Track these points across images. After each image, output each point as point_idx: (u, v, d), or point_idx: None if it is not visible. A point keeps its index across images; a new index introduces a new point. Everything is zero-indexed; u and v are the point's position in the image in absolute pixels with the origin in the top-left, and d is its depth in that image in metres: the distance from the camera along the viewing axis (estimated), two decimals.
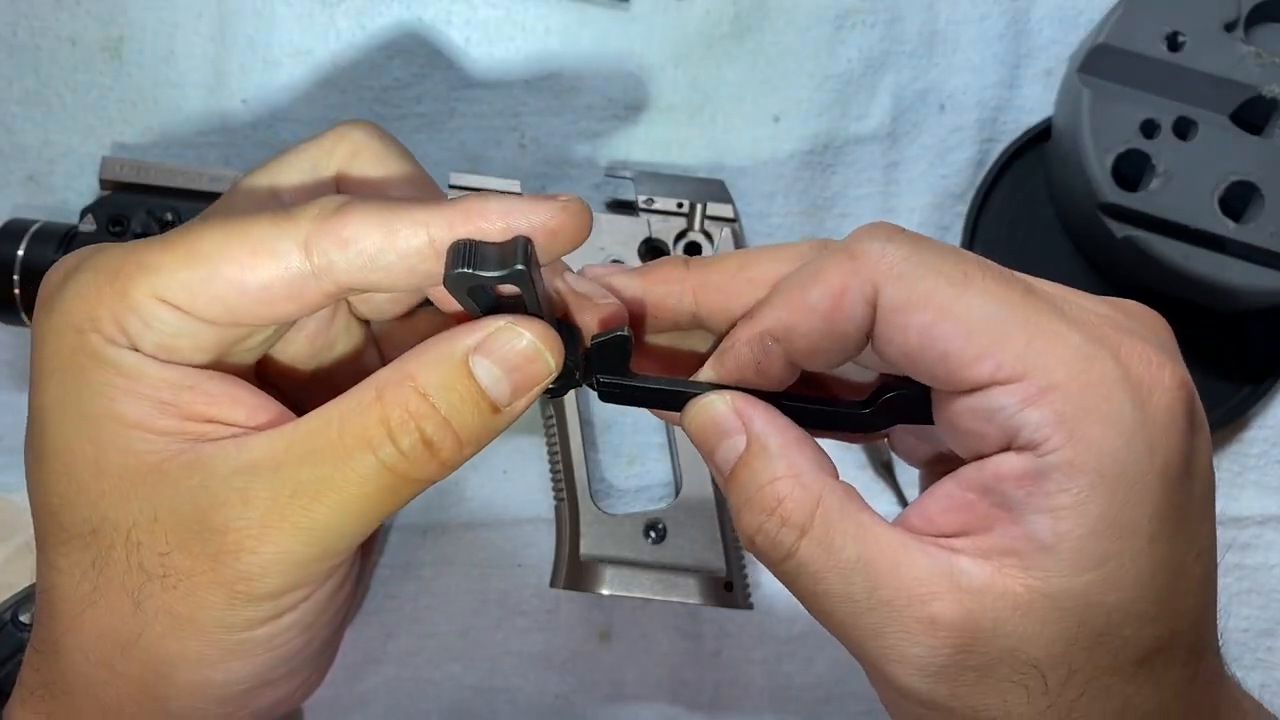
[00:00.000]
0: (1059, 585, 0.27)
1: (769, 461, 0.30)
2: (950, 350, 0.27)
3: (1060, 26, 0.51)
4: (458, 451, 0.30)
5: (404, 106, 0.49)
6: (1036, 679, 0.27)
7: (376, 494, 0.29)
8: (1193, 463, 0.28)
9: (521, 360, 0.29)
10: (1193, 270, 0.45)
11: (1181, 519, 0.28)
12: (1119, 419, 0.27)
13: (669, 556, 0.46)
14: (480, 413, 0.29)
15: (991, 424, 0.28)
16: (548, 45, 0.50)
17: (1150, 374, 0.28)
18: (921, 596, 0.27)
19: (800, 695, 0.51)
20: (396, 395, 0.29)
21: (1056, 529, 0.27)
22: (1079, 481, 0.27)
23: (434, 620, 0.50)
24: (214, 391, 0.30)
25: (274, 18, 0.49)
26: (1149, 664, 0.28)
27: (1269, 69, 0.45)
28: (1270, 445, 0.52)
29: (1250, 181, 0.45)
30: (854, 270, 0.28)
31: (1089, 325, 0.28)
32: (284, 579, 0.29)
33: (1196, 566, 0.28)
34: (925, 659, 0.27)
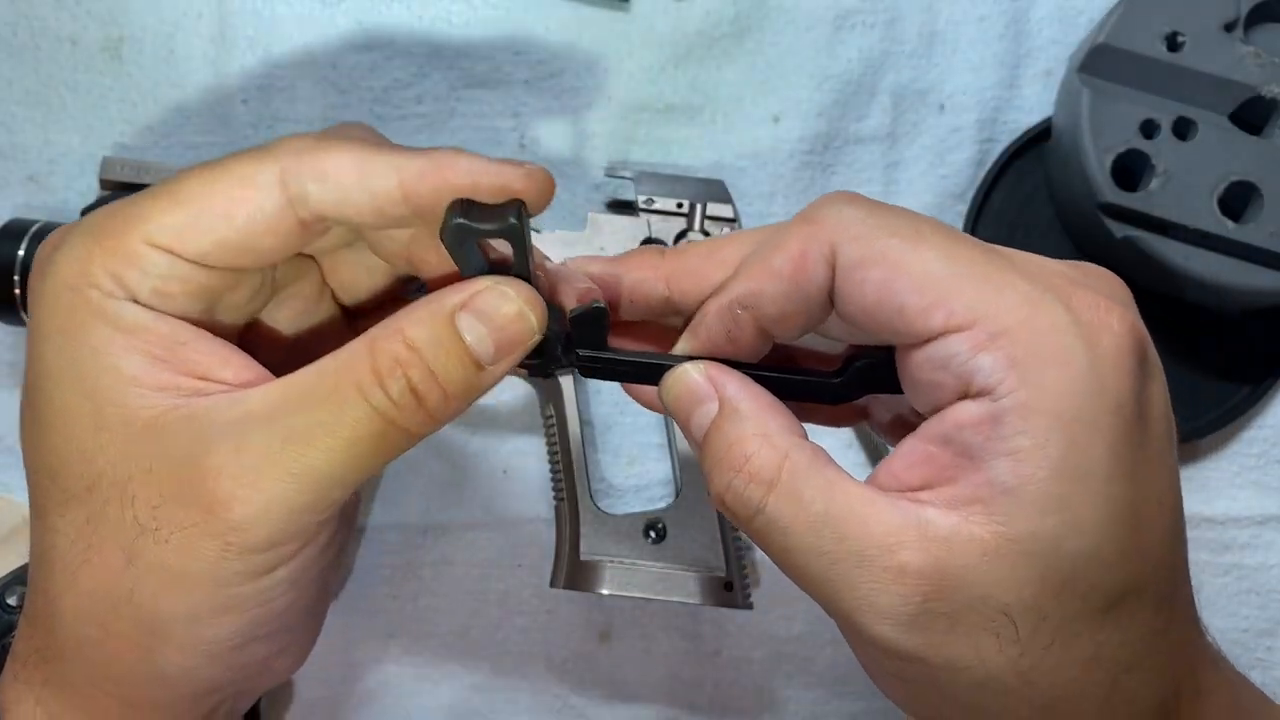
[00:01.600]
0: (1024, 528, 0.27)
1: (739, 422, 0.30)
2: (905, 303, 0.28)
3: (1060, 26, 0.51)
4: (444, 404, 0.30)
5: (404, 106, 0.49)
6: (1007, 626, 0.28)
7: (368, 439, 0.30)
8: (1146, 407, 0.29)
9: (505, 320, 0.30)
10: (1192, 270, 0.45)
11: (1139, 463, 0.28)
12: (1069, 361, 0.28)
13: (669, 556, 0.46)
14: (464, 368, 0.30)
15: (947, 372, 0.28)
16: (548, 45, 0.50)
17: (1099, 318, 0.28)
18: (890, 546, 0.28)
19: (800, 695, 0.51)
20: (386, 346, 0.30)
21: (1018, 472, 0.27)
22: (1035, 423, 0.27)
23: (434, 620, 0.50)
24: (206, 350, 0.31)
25: (274, 18, 0.49)
26: (1117, 611, 0.28)
27: (1268, 69, 0.45)
28: (1270, 445, 0.52)
29: (1250, 182, 0.45)
30: (813, 234, 0.30)
31: (1040, 276, 0.29)
32: (275, 529, 0.30)
33: (1159, 514, 0.29)
34: (896, 608, 0.28)
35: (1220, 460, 0.52)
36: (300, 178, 0.30)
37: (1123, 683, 0.29)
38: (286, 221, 0.31)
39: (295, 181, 0.30)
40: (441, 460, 0.50)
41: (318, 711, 0.49)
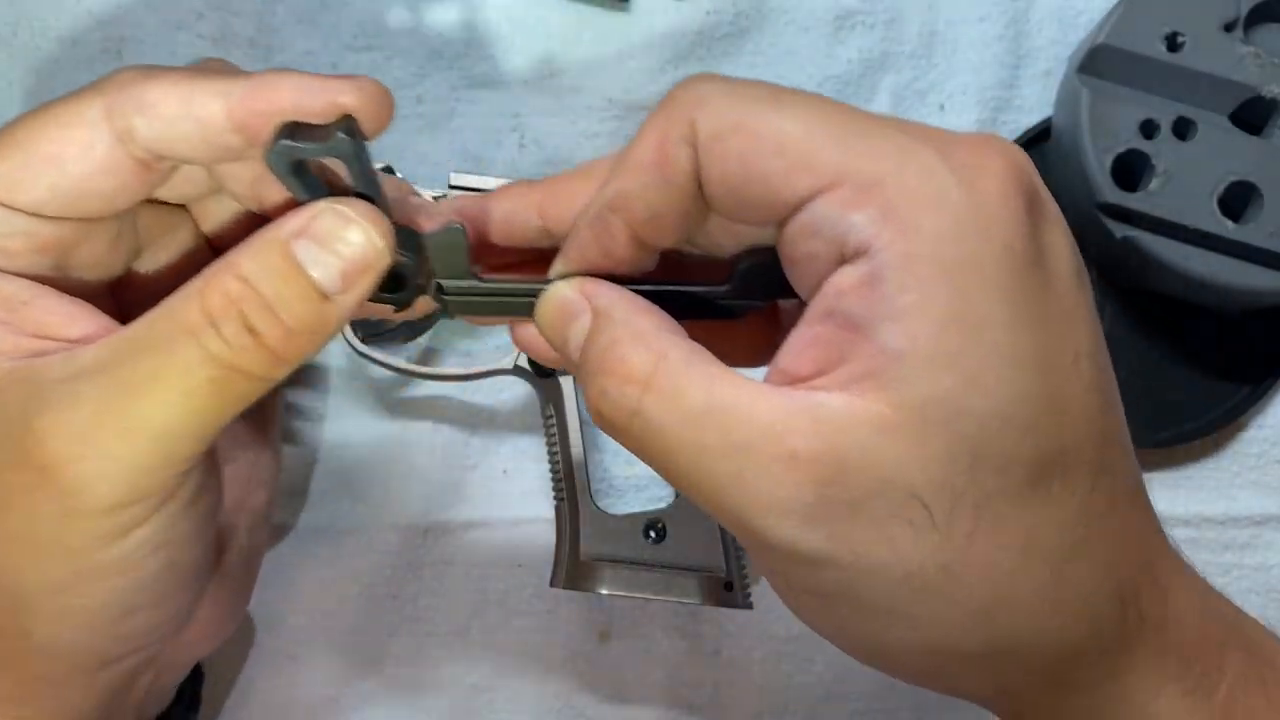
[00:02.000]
0: (920, 394, 0.25)
1: (611, 327, 0.28)
2: (768, 170, 0.26)
3: (1060, 27, 0.51)
4: (286, 340, 0.28)
5: (404, 106, 0.49)
6: (919, 511, 0.25)
7: (206, 387, 0.28)
8: (1043, 251, 0.26)
9: (347, 243, 0.28)
10: (1192, 270, 0.45)
11: (1042, 311, 0.26)
12: (947, 202, 0.25)
13: (669, 556, 0.46)
14: (307, 299, 0.28)
15: (821, 239, 0.26)
16: (548, 45, 0.50)
17: (976, 159, 0.26)
18: (778, 433, 0.25)
19: (800, 695, 0.51)
20: (218, 282, 0.28)
21: (906, 332, 0.25)
22: (917, 274, 0.25)
23: (434, 620, 0.50)
24: (50, 308, 0.30)
25: (274, 18, 0.49)
26: (1044, 486, 0.26)
27: (1268, 69, 0.45)
28: (1270, 445, 0.52)
29: (1250, 182, 0.45)
30: (670, 115, 0.27)
31: (909, 127, 0.27)
32: (118, 488, 0.28)
33: (1077, 371, 0.26)
34: (789, 499, 0.25)
35: (1220, 460, 0.52)
36: (125, 111, 0.28)
37: (1067, 574, 0.26)
38: (121, 161, 0.29)
39: (120, 116, 0.28)
40: (441, 460, 0.50)
41: (318, 712, 0.49)
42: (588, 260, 0.30)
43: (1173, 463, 0.52)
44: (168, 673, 0.37)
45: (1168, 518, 0.51)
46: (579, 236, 0.30)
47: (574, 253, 0.30)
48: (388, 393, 0.50)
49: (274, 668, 0.49)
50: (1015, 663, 0.28)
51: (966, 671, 0.28)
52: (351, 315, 0.30)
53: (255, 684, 0.49)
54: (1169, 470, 0.52)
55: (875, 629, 0.28)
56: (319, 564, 0.49)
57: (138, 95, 0.28)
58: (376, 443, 0.50)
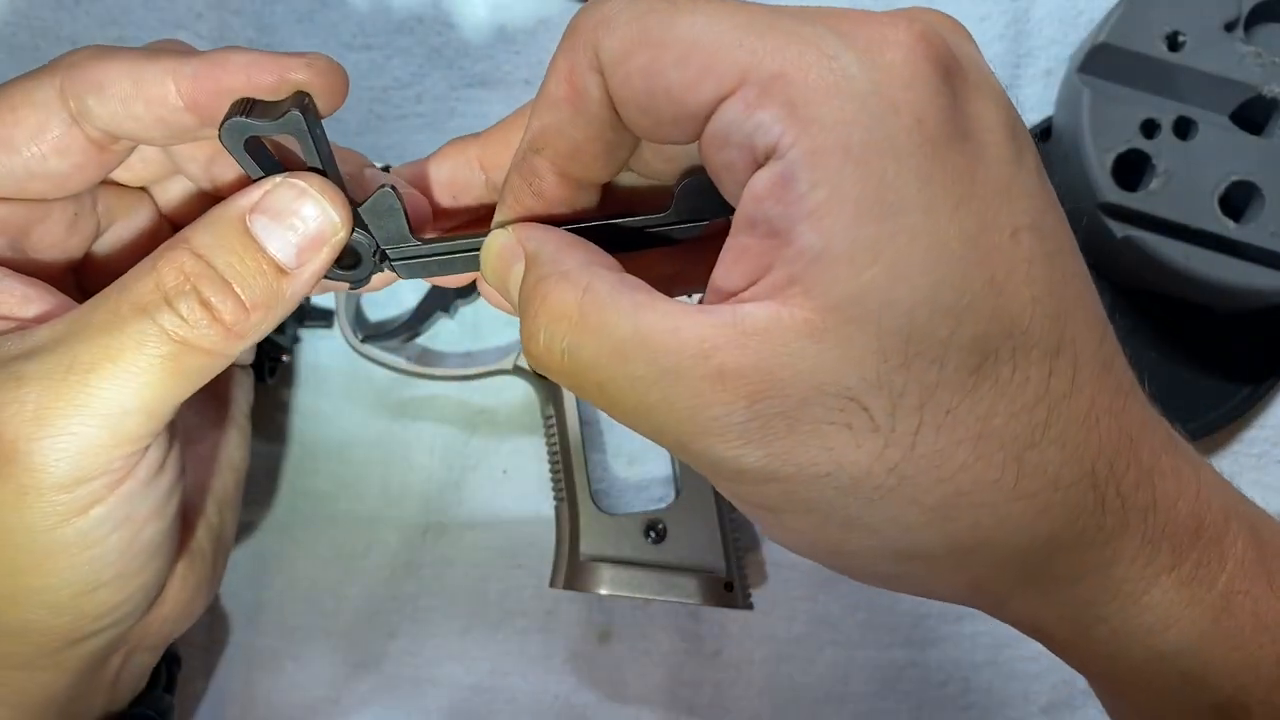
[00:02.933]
0: (843, 292, 0.23)
1: (538, 267, 0.27)
2: (672, 83, 0.25)
3: (1060, 26, 0.51)
4: (243, 316, 0.28)
5: (404, 106, 0.49)
6: (858, 414, 0.24)
7: (161, 364, 0.28)
8: (966, 123, 0.24)
9: (302, 217, 0.28)
10: (1193, 270, 0.45)
11: (968, 189, 0.24)
12: (848, 86, 0.23)
13: (669, 556, 0.46)
14: (263, 274, 0.28)
15: (733, 147, 0.25)
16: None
17: (877, 33, 0.24)
18: (704, 353, 0.24)
19: (800, 695, 0.51)
20: (172, 258, 0.28)
21: (821, 229, 0.23)
22: (827, 167, 0.23)
23: (434, 620, 0.50)
24: (6, 288, 0.30)
25: (273, 18, 0.49)
26: (991, 372, 0.24)
27: (1269, 69, 0.45)
28: (1270, 445, 0.52)
29: (1250, 181, 0.45)
30: (575, 43, 0.26)
31: (809, 13, 0.25)
32: (72, 466, 0.28)
33: (1017, 246, 0.24)
34: (723, 419, 0.24)
35: (1220, 460, 0.52)
36: (78, 91, 0.28)
37: (1029, 462, 0.25)
38: (76, 141, 0.29)
39: (74, 96, 0.28)
40: (441, 460, 0.50)
41: (318, 712, 0.49)
42: (524, 205, 0.29)
43: None
44: (140, 653, 0.37)
45: None
46: (510, 185, 0.29)
47: (510, 199, 0.29)
48: (388, 393, 0.50)
49: (274, 668, 0.49)
50: (984, 559, 0.26)
51: (935, 572, 0.27)
52: (308, 290, 0.29)
53: (255, 684, 0.49)
54: None
55: (833, 537, 0.26)
56: (319, 564, 0.49)
57: (90, 75, 0.28)
58: (376, 443, 0.50)
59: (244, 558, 0.49)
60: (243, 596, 0.49)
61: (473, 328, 0.50)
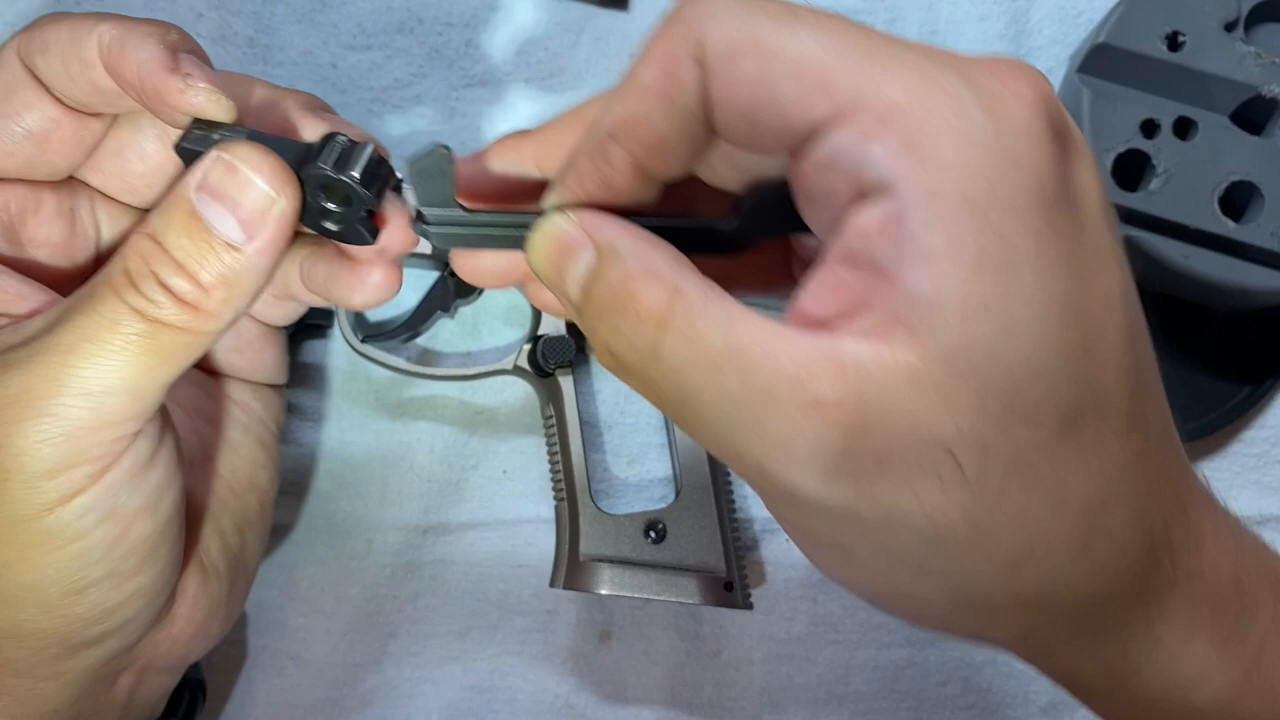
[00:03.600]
0: (950, 343, 0.23)
1: (620, 262, 0.26)
2: (781, 94, 0.24)
3: (1060, 26, 0.51)
4: (203, 295, 0.29)
5: (404, 106, 0.49)
6: (949, 464, 0.24)
7: (137, 343, 0.28)
8: (1071, 185, 0.25)
9: (240, 191, 0.28)
10: (1193, 270, 0.45)
11: (1073, 251, 0.24)
12: (972, 131, 0.23)
13: (669, 556, 0.46)
14: (213, 252, 0.28)
15: (839, 174, 0.24)
16: (548, 46, 0.50)
17: (1002, 84, 0.24)
18: (801, 379, 0.23)
19: (800, 695, 0.51)
20: (132, 241, 0.29)
21: (934, 277, 0.23)
22: (943, 212, 0.23)
23: (434, 620, 0.50)
24: (1, 286, 0.30)
25: (274, 18, 0.49)
26: (1076, 436, 0.24)
27: (1269, 69, 0.45)
28: (1270, 445, 0.52)
29: (1250, 181, 0.45)
30: (676, 33, 0.25)
31: (931, 51, 0.25)
32: (55, 451, 0.28)
33: (1108, 313, 0.25)
34: (813, 448, 0.24)
35: (1221, 460, 0.52)
36: (30, 50, 0.29)
37: (1099, 523, 0.25)
38: (40, 100, 0.30)
39: (27, 56, 0.29)
40: (441, 460, 0.50)
41: (318, 712, 0.49)
42: (586, 192, 0.28)
43: None
44: (153, 675, 0.37)
45: None
46: (577, 168, 0.28)
47: (572, 184, 0.28)
48: (388, 393, 0.50)
49: (274, 668, 0.49)
50: (1043, 612, 0.27)
51: (994, 622, 0.27)
52: (272, 260, 0.29)
53: (255, 684, 0.49)
54: None
55: (898, 580, 0.26)
56: (319, 564, 0.49)
57: (40, 35, 0.29)
58: (376, 443, 0.50)
59: None
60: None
61: (473, 328, 0.50)
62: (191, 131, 0.29)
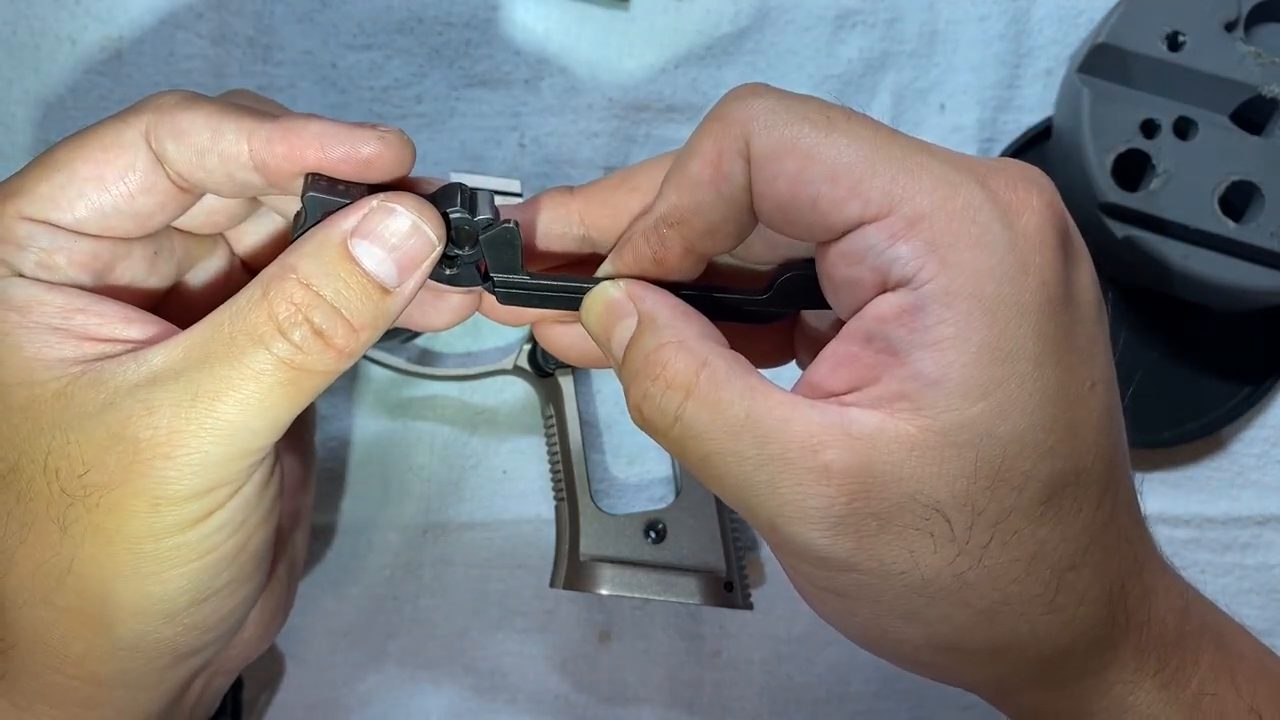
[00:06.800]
0: (951, 420, 0.27)
1: (656, 332, 0.30)
2: (819, 194, 0.28)
3: (1060, 26, 0.51)
4: (353, 337, 0.30)
5: (404, 106, 0.49)
6: (941, 524, 0.27)
7: (278, 388, 0.29)
8: (1072, 287, 0.28)
9: (400, 236, 0.30)
10: (1193, 270, 0.45)
11: (1068, 345, 0.27)
12: (989, 240, 0.27)
13: (669, 556, 0.46)
14: (368, 296, 0.30)
15: (865, 266, 0.28)
16: (548, 45, 0.50)
17: (1017, 197, 0.28)
18: (813, 447, 0.27)
19: (800, 695, 0.51)
20: (280, 289, 0.29)
21: (941, 361, 0.26)
22: (957, 308, 0.26)
23: (434, 620, 0.50)
24: (105, 313, 0.31)
25: (273, 18, 0.49)
26: (1056, 504, 0.28)
27: (1269, 69, 0.45)
28: (1270, 445, 0.52)
29: (1250, 181, 0.45)
30: (724, 131, 0.29)
31: (954, 160, 0.28)
32: (201, 480, 0.29)
33: (1091, 399, 0.28)
34: (823, 510, 0.27)
35: (1221, 460, 0.52)
36: (160, 135, 0.30)
37: (1067, 581, 0.28)
38: (159, 181, 0.31)
39: (156, 139, 0.30)
40: (441, 460, 0.50)
41: (318, 712, 0.49)
42: (639, 267, 0.31)
43: (1174, 462, 0.52)
44: (218, 678, 0.38)
45: (1169, 517, 0.52)
46: (633, 244, 0.31)
47: (628, 257, 0.31)
48: (388, 393, 0.50)
49: (274, 668, 0.49)
50: (1012, 659, 0.29)
51: (967, 665, 0.30)
52: (410, 302, 0.31)
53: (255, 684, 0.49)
54: (1170, 470, 0.52)
55: (886, 625, 0.29)
56: (319, 564, 0.49)
57: (173, 122, 0.30)
58: (376, 443, 0.50)
59: None
60: None
61: (473, 328, 0.50)
62: (313, 182, 0.30)
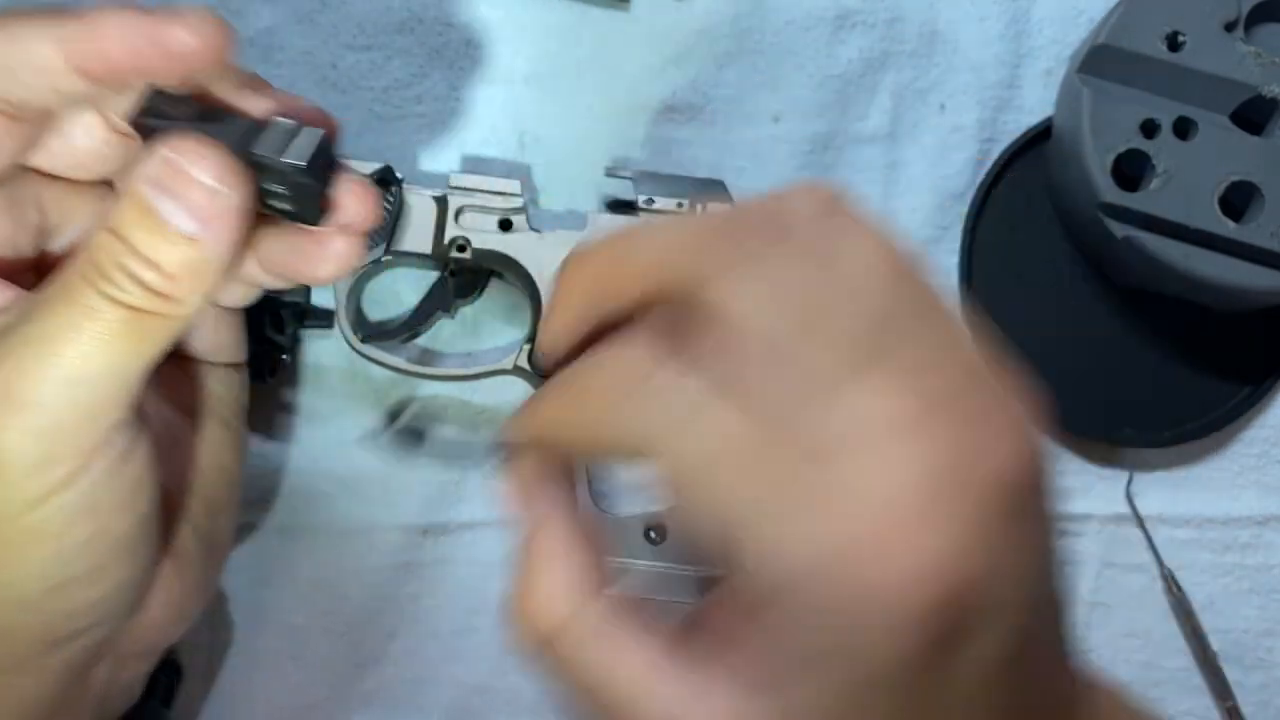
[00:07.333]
0: (792, 704, 0.25)
1: (538, 562, 0.29)
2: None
3: (1060, 26, 0.51)
4: (170, 283, 0.29)
5: (404, 106, 0.49)
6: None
7: (119, 328, 0.28)
8: (944, 683, 0.25)
9: (183, 186, 0.28)
10: (1192, 270, 0.45)
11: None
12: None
13: (669, 557, 0.46)
14: (173, 244, 0.29)
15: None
16: (548, 46, 0.50)
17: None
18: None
19: None
20: (98, 238, 0.29)
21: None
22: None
23: (434, 620, 0.50)
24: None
25: (274, 19, 0.49)
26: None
27: (1269, 69, 0.45)
28: (1270, 445, 0.52)
29: (1250, 182, 0.45)
30: None
31: None
32: (40, 447, 0.28)
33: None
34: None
35: (1221, 460, 0.52)
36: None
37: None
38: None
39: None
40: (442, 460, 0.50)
41: (318, 712, 0.49)
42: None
43: (1174, 463, 0.52)
44: (129, 663, 0.37)
45: (1169, 518, 0.52)
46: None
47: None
48: (388, 392, 0.50)
49: (274, 668, 0.49)
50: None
51: None
52: (231, 246, 0.29)
53: (256, 684, 0.49)
54: (1170, 470, 0.52)
55: None
56: (319, 564, 0.49)
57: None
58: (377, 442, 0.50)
59: (244, 558, 0.49)
60: (243, 597, 0.49)
61: (473, 328, 0.50)
62: (146, 104, 0.29)
